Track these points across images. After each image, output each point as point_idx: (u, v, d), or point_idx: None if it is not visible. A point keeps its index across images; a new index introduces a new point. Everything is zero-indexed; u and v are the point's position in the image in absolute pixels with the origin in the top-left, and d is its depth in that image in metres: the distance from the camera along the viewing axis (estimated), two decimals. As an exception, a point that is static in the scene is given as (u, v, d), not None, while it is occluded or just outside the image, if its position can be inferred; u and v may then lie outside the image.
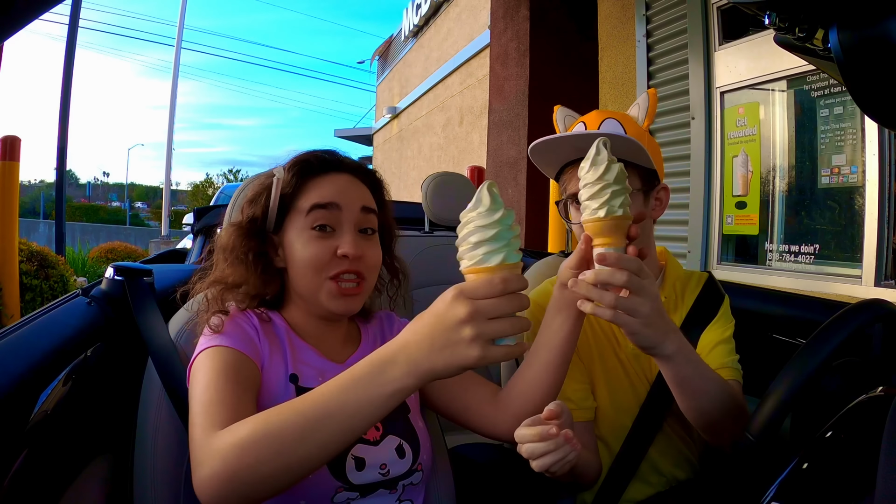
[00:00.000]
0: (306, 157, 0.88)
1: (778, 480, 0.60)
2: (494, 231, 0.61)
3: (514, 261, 0.62)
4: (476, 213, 0.62)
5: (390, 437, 0.83)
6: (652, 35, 2.99)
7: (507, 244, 0.61)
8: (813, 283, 2.19)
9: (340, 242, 0.82)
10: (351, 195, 0.85)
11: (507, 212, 0.62)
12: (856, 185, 2.10)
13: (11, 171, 3.70)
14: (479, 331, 0.57)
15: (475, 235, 0.61)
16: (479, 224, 0.61)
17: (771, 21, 0.53)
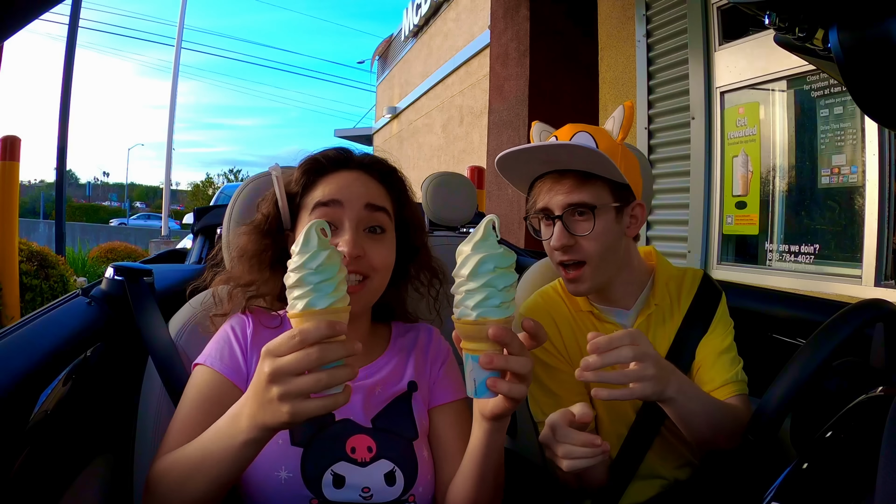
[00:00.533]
0: (317, 156, 0.87)
1: (778, 480, 0.60)
2: (299, 275, 0.59)
3: (319, 306, 0.59)
4: (294, 256, 0.61)
5: (383, 461, 0.79)
6: (652, 35, 2.99)
7: (311, 289, 0.59)
8: (813, 283, 2.19)
9: (339, 240, 0.80)
10: (354, 191, 0.83)
11: (315, 253, 0.60)
12: (856, 185, 2.10)
13: (11, 171, 3.71)
14: (283, 389, 0.57)
15: (288, 279, 0.61)
16: (292, 267, 0.60)
17: (771, 21, 0.53)
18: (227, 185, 9.35)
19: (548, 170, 0.97)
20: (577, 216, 0.95)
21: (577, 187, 0.94)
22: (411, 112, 10.54)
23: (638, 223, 1.03)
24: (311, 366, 0.57)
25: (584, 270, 0.96)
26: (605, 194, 0.96)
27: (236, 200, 1.01)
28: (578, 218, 0.95)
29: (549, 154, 0.94)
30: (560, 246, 0.95)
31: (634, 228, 1.03)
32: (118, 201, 46.07)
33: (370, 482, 0.77)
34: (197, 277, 0.95)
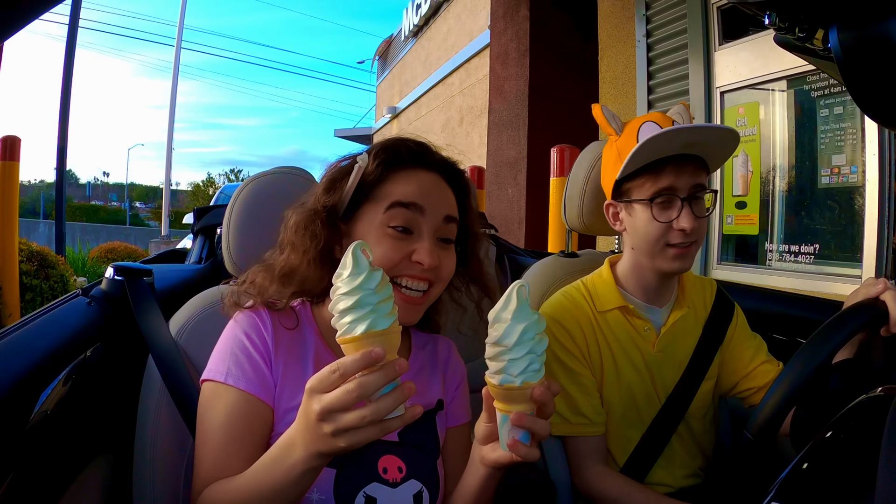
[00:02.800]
0: (395, 144, 0.81)
1: (778, 480, 0.60)
2: (357, 297, 0.58)
3: (381, 327, 0.59)
4: (340, 279, 0.60)
5: (412, 481, 0.77)
6: (652, 35, 3.00)
7: (371, 310, 0.58)
8: (813, 283, 2.19)
9: (417, 248, 0.75)
10: (436, 200, 0.78)
11: (370, 274, 0.59)
12: (856, 185, 2.10)
13: (11, 171, 3.70)
14: (334, 426, 0.57)
15: (340, 303, 0.59)
16: (342, 291, 0.59)
17: (771, 21, 0.53)
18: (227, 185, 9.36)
19: (681, 151, 0.98)
20: (696, 200, 0.99)
21: (699, 172, 1.00)
22: (411, 112, 10.53)
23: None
24: (357, 401, 0.56)
25: (692, 248, 1.00)
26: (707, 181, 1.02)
27: (236, 200, 1.01)
28: (697, 203, 0.99)
29: (703, 136, 0.97)
30: (692, 227, 0.97)
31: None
32: (118, 201, 46.10)
33: (400, 503, 0.76)
34: (197, 277, 0.95)
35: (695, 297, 1.08)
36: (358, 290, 0.58)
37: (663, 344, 1.03)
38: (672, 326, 1.04)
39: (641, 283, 1.05)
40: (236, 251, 0.97)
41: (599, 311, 1.05)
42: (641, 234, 1.01)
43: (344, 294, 0.59)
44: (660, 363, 1.03)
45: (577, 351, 1.02)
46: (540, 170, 3.68)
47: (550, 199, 2.90)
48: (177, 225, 17.54)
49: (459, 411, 0.88)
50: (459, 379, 0.90)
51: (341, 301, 0.59)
